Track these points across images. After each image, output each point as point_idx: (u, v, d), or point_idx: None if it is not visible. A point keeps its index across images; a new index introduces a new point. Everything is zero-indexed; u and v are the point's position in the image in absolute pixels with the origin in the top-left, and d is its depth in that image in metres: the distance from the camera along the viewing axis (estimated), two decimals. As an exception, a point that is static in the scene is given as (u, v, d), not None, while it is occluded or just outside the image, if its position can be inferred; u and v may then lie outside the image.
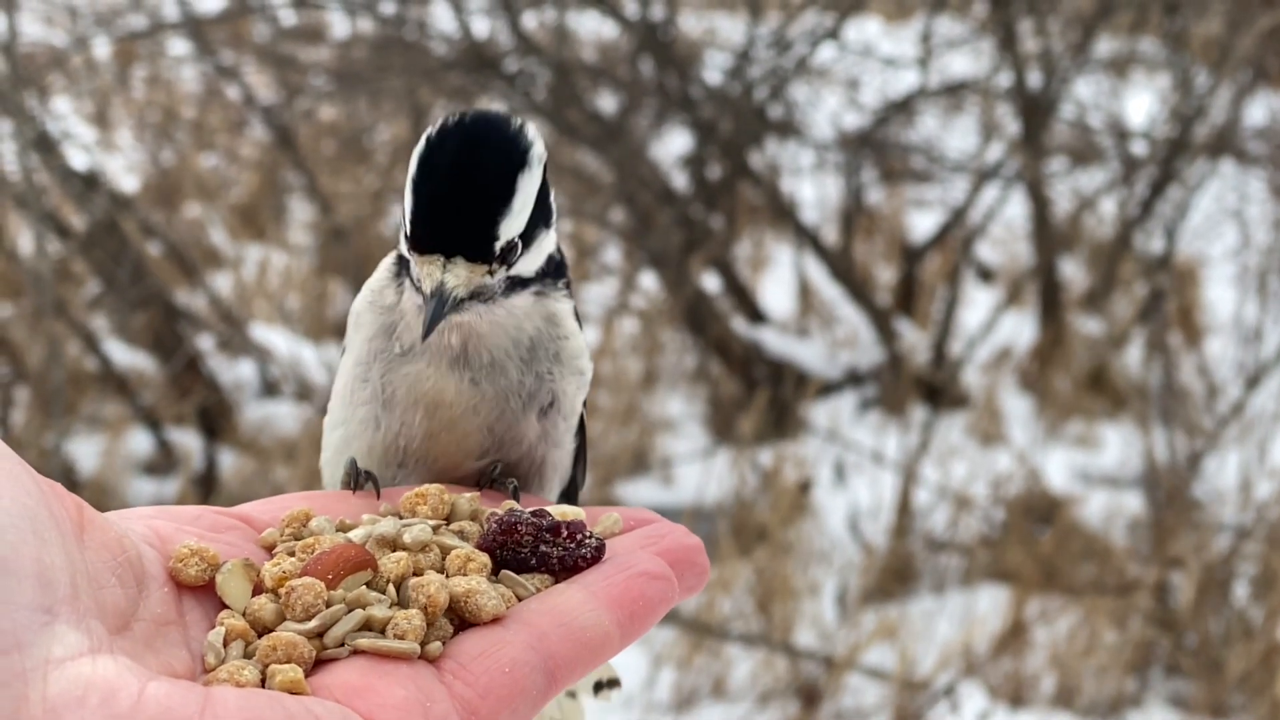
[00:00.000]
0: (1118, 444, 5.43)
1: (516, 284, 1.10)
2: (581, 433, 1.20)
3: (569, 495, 1.25)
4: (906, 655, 4.15)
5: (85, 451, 4.88)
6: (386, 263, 1.15)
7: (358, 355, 1.15)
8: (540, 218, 1.08)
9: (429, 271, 1.04)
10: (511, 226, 1.05)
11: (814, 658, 4.19)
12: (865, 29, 7.15)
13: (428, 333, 1.04)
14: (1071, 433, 5.60)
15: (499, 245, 1.05)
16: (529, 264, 1.10)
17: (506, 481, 1.13)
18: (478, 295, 1.07)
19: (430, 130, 1.05)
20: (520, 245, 1.07)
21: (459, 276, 1.04)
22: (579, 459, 1.23)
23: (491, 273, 1.06)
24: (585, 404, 1.20)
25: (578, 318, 1.18)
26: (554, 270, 1.14)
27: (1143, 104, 6.43)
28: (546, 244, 1.11)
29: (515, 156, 1.05)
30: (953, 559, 4.79)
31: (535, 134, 1.06)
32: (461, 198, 1.04)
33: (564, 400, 1.15)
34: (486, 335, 1.10)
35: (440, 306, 1.04)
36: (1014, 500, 4.90)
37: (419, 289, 1.06)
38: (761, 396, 5.27)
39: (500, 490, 1.12)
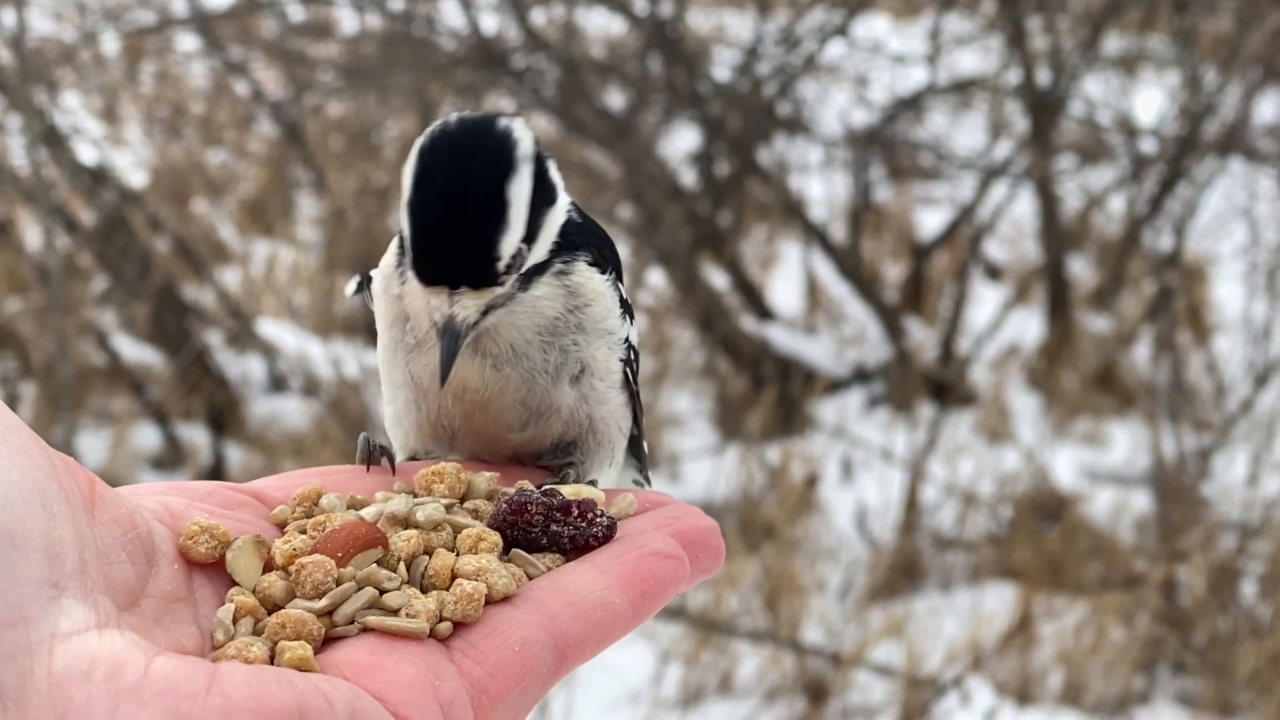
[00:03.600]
0: (1125, 442, 5.42)
1: (534, 271, 1.08)
2: (628, 388, 1.19)
3: (635, 444, 1.25)
4: (913, 652, 4.15)
5: (93, 446, 4.88)
6: (394, 245, 1.14)
7: (383, 341, 1.16)
8: (543, 201, 1.06)
9: (436, 304, 1.03)
10: (510, 241, 1.02)
11: (821, 654, 4.18)
12: (874, 26, 7.14)
13: (445, 377, 1.03)
14: (1079, 430, 5.59)
15: (501, 265, 1.03)
16: (540, 250, 1.08)
17: (567, 473, 1.14)
18: (492, 309, 1.05)
19: (421, 142, 1.02)
20: (526, 248, 1.05)
21: (466, 307, 1.03)
22: (635, 411, 1.22)
23: (501, 283, 1.04)
24: (633, 355, 1.19)
25: (615, 276, 1.16)
26: (573, 235, 1.12)
27: (1152, 101, 6.41)
28: (555, 219, 1.09)
29: (501, 166, 1.02)
30: (960, 556, 4.78)
31: (522, 130, 1.04)
32: (456, 228, 1.01)
33: (595, 364, 1.14)
34: (503, 328, 1.09)
35: (454, 342, 1.03)
36: (1021, 498, 4.90)
37: (430, 316, 1.05)
38: (769, 393, 5.27)
39: (563, 481, 1.11)
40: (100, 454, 4.83)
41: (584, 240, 1.13)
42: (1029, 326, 6.04)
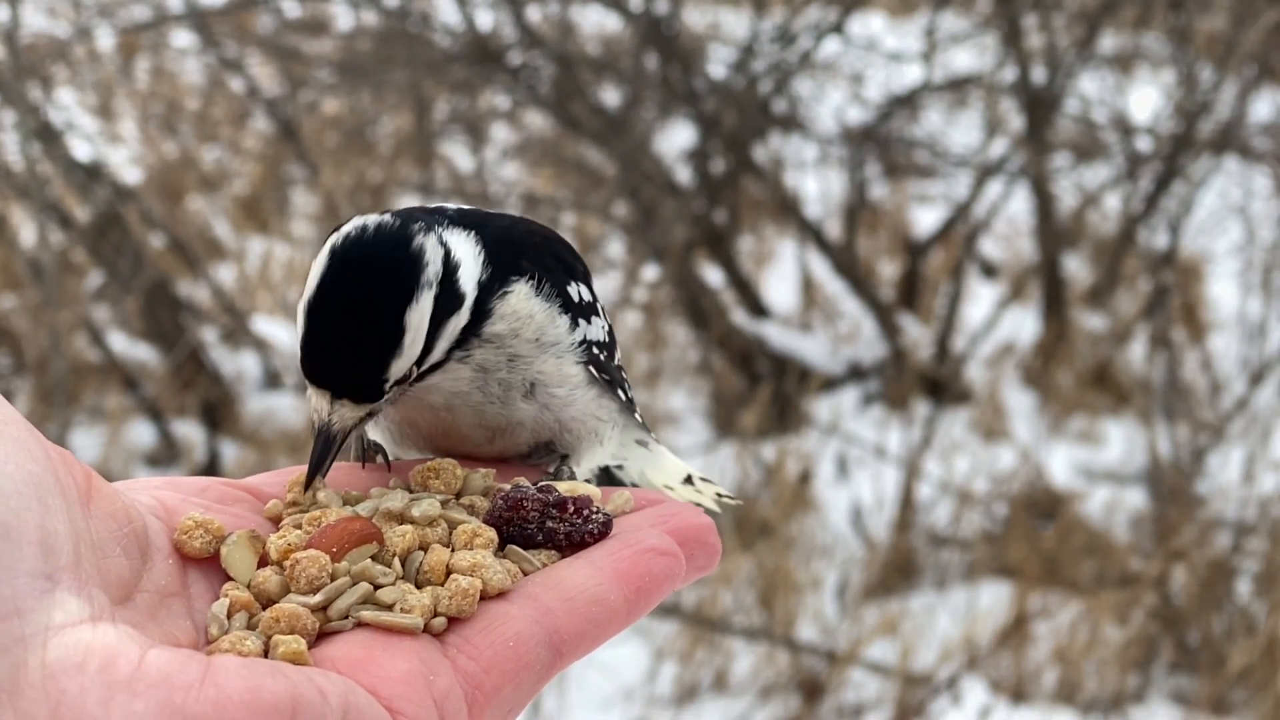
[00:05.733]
0: (1120, 440, 5.42)
1: (431, 368, 1.07)
2: (597, 383, 1.17)
3: (630, 409, 1.25)
4: (908, 650, 4.15)
5: (87, 443, 4.88)
6: None
7: None
8: (446, 313, 1.04)
9: (317, 403, 1.02)
10: (400, 366, 1.01)
11: (816, 652, 4.18)
12: (869, 23, 7.13)
13: (309, 482, 1.00)
14: (1074, 428, 5.59)
15: (387, 386, 1.02)
16: (436, 356, 1.06)
17: (562, 468, 1.13)
18: (374, 414, 1.04)
19: (334, 242, 1.01)
20: (416, 370, 1.03)
21: (343, 418, 1.02)
22: (617, 388, 1.21)
23: (386, 393, 1.03)
24: (597, 350, 1.16)
25: (550, 283, 1.13)
26: (479, 312, 1.09)
27: (1147, 100, 6.41)
28: (458, 321, 1.06)
29: (405, 293, 1.01)
30: (955, 554, 4.78)
31: (435, 247, 1.02)
32: (348, 348, 1.01)
33: (545, 377, 1.12)
34: (413, 402, 1.09)
35: (325, 448, 1.01)
36: (1016, 496, 4.90)
37: (311, 408, 1.04)
38: (764, 391, 5.27)
39: (558, 476, 1.11)
40: (94, 450, 4.83)
41: (510, 270, 1.11)
42: (1024, 324, 6.04)
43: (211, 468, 4.92)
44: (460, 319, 1.06)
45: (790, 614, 4.39)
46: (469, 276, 1.07)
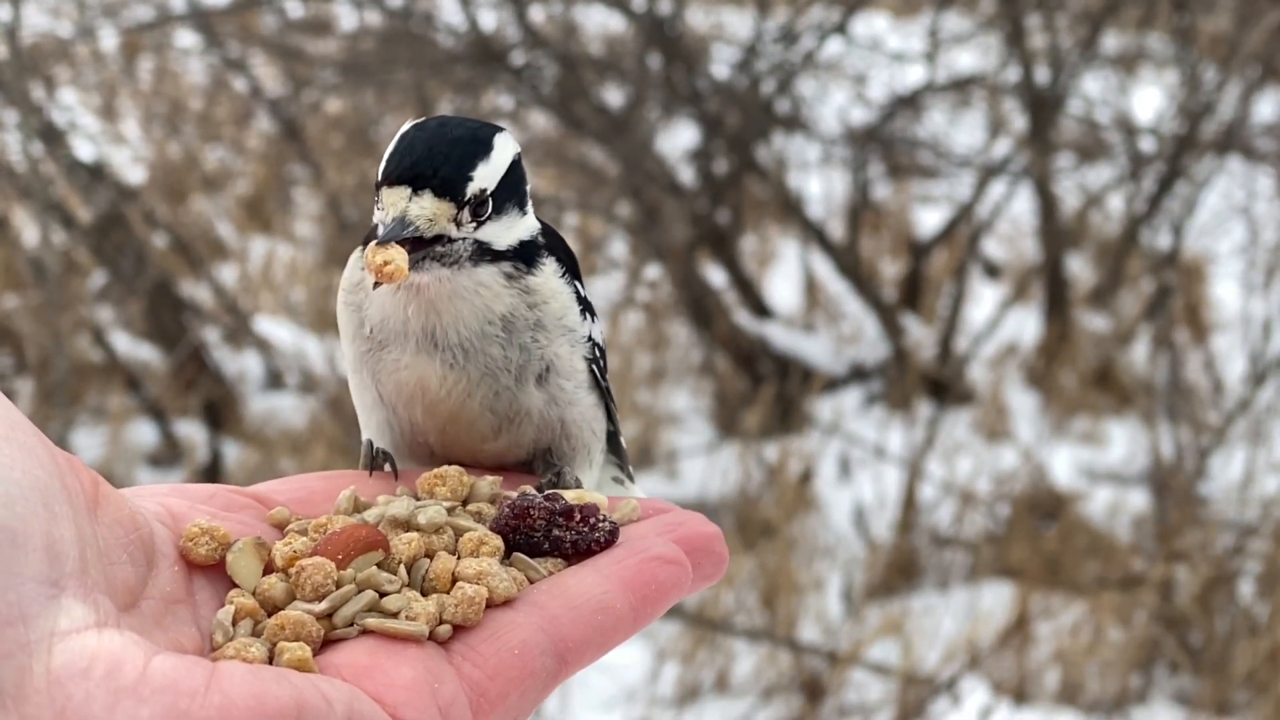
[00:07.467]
0: (1123, 440, 5.42)
1: (484, 254, 1.06)
2: (597, 387, 1.18)
3: (613, 441, 1.25)
4: (910, 651, 4.15)
5: (89, 443, 4.88)
6: (353, 258, 1.12)
7: (350, 362, 1.15)
8: (514, 196, 1.08)
9: (393, 201, 1.01)
10: (486, 175, 1.03)
11: (818, 653, 4.18)
12: (872, 23, 7.12)
13: (381, 240, 0.99)
14: (1077, 429, 5.59)
15: (470, 187, 1.03)
16: (498, 234, 1.07)
17: (565, 475, 1.13)
18: (439, 242, 1.03)
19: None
20: (491, 205, 1.05)
21: (423, 208, 1.01)
22: (608, 409, 1.21)
23: (458, 222, 1.03)
24: (599, 353, 1.17)
25: (572, 276, 1.15)
26: (530, 247, 1.12)
27: (1150, 100, 6.41)
28: (518, 226, 1.09)
29: (491, 127, 1.06)
30: (957, 554, 4.78)
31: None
32: (438, 139, 1.03)
33: (559, 363, 1.12)
34: (447, 311, 1.07)
35: (399, 227, 1.00)
36: (1019, 496, 4.89)
37: (380, 219, 1.02)
38: (767, 391, 5.26)
39: (562, 486, 1.11)
40: (96, 450, 4.83)
41: (546, 246, 1.14)
42: (1027, 325, 6.03)
43: (213, 468, 4.92)
44: (520, 225, 1.10)
45: (792, 614, 4.39)
46: (531, 210, 1.13)
